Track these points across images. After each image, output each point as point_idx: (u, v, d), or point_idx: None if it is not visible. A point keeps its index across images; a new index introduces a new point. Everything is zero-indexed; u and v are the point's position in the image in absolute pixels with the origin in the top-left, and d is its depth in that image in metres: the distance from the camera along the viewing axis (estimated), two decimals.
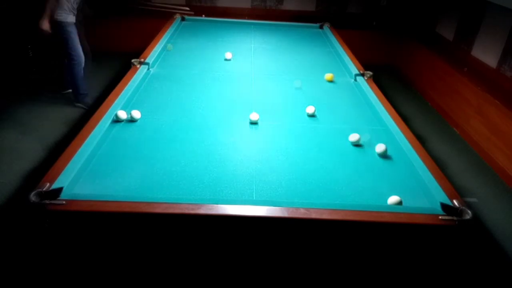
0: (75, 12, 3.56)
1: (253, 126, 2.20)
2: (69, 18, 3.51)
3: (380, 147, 1.99)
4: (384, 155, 1.99)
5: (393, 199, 1.64)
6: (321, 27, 4.19)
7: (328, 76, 2.87)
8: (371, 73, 2.88)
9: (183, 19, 4.11)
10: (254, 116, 2.20)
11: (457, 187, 2.08)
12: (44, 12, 3.37)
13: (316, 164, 1.89)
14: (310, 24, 4.23)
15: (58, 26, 3.48)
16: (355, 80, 2.87)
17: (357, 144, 2.06)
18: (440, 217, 1.53)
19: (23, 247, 2.22)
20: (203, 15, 4.33)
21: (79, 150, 1.77)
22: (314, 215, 1.50)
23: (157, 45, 3.17)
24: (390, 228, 1.54)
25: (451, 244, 1.59)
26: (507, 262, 2.47)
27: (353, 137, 2.06)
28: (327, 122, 2.31)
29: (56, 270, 1.84)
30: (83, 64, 3.70)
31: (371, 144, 2.09)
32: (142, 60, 2.83)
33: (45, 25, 3.41)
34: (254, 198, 1.62)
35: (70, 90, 3.89)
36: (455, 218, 1.52)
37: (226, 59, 3.13)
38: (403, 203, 1.63)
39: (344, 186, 1.74)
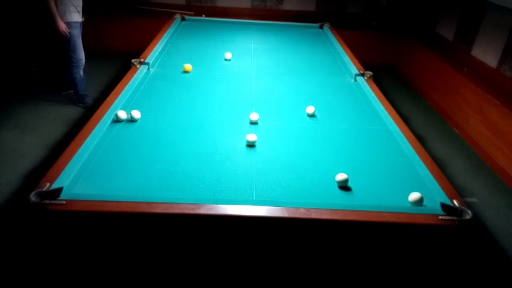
0: (80, 11, 3.53)
1: (253, 126, 2.20)
2: (73, 17, 3.48)
3: (252, 136, 2.02)
4: (252, 145, 2.00)
5: (414, 196, 1.63)
6: (321, 27, 4.20)
7: (187, 67, 2.87)
8: (371, 73, 2.88)
9: (183, 19, 4.11)
10: (254, 116, 2.20)
11: (457, 187, 2.08)
12: (53, 14, 3.33)
13: (316, 164, 1.88)
14: (310, 24, 4.23)
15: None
16: (355, 80, 2.87)
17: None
18: (440, 217, 1.53)
19: (23, 247, 2.22)
20: (203, 15, 4.33)
21: (79, 150, 1.77)
22: (314, 215, 1.50)
23: (157, 45, 3.17)
24: (390, 228, 1.54)
25: (451, 244, 1.59)
26: (507, 262, 2.47)
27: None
28: (327, 122, 2.31)
29: (56, 270, 1.84)
30: (82, 67, 3.70)
31: (372, 144, 2.09)
32: (142, 60, 2.83)
33: (62, 26, 3.39)
34: (254, 198, 1.62)
35: (71, 91, 3.89)
36: (455, 218, 1.52)
37: (226, 59, 3.13)
38: (404, 203, 1.64)
39: (344, 186, 1.74)
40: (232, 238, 1.60)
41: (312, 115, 2.34)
